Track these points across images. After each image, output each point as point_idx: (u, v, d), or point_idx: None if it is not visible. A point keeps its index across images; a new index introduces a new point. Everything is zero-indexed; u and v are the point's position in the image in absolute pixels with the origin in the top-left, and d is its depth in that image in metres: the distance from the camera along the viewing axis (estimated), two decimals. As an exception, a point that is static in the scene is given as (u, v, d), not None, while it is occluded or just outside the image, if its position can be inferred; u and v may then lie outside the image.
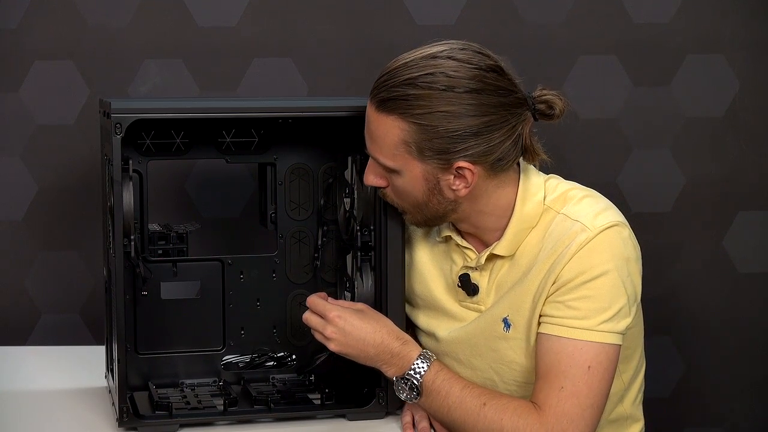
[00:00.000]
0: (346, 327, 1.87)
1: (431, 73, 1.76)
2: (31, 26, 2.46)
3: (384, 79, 1.80)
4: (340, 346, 1.87)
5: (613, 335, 1.79)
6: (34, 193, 2.49)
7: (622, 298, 1.80)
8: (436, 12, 2.53)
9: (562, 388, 1.77)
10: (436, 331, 1.96)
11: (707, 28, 2.58)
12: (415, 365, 1.84)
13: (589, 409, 1.77)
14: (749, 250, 2.63)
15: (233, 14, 2.49)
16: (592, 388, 1.77)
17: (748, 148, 2.61)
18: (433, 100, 1.76)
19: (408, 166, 1.81)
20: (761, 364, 2.66)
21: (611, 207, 1.88)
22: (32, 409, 1.99)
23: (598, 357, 1.78)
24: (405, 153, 1.79)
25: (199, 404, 1.94)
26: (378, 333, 1.86)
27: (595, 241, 1.80)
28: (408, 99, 1.76)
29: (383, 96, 1.79)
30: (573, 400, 1.76)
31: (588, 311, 1.78)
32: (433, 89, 1.76)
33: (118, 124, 1.83)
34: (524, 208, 1.86)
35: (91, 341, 2.49)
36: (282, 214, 2.11)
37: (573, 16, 2.55)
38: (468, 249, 1.92)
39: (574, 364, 1.77)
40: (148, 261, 2.05)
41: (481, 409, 1.80)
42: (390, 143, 1.80)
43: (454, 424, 1.83)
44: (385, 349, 1.86)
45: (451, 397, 1.82)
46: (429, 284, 1.97)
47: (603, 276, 1.79)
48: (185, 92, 2.49)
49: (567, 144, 2.55)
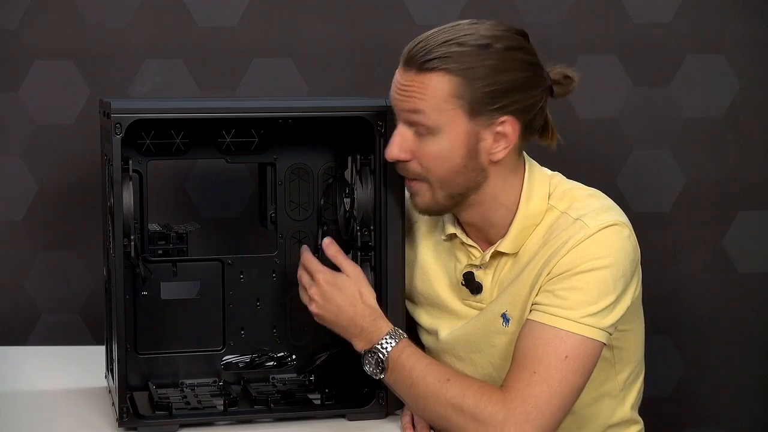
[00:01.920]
0: (327, 292, 1.89)
1: (468, 33, 1.81)
2: (31, 26, 2.46)
3: (420, 46, 1.81)
4: (319, 309, 1.91)
5: (596, 330, 1.78)
6: (34, 193, 2.49)
7: (610, 295, 1.79)
8: (436, 12, 2.52)
9: (534, 372, 1.75)
10: (439, 329, 1.97)
11: (707, 28, 2.58)
12: (383, 340, 1.86)
13: (557, 398, 1.75)
14: (749, 250, 2.63)
15: (233, 14, 2.49)
16: (565, 378, 1.76)
17: (748, 148, 2.61)
18: (475, 56, 1.80)
19: (453, 123, 1.81)
20: (761, 364, 2.66)
21: (614, 207, 1.88)
22: (32, 409, 1.99)
23: (577, 349, 1.77)
24: (454, 107, 1.80)
25: (199, 404, 1.94)
26: (353, 306, 1.88)
27: (594, 237, 1.81)
28: (453, 55, 1.79)
29: (425, 58, 1.80)
30: (542, 385, 1.75)
31: (574, 302, 1.78)
32: (474, 46, 1.80)
33: (118, 124, 1.83)
34: (529, 205, 1.88)
35: (91, 341, 2.49)
36: (282, 214, 2.11)
37: (573, 16, 2.55)
38: (473, 247, 1.92)
39: (551, 351, 1.76)
40: (148, 261, 2.05)
41: (443, 384, 1.79)
42: (439, 98, 1.80)
43: (417, 400, 1.82)
44: (356, 323, 1.88)
45: (414, 371, 1.82)
46: (432, 282, 1.98)
47: (595, 271, 1.79)
48: (185, 92, 2.49)
49: (567, 144, 2.54)
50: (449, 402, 1.78)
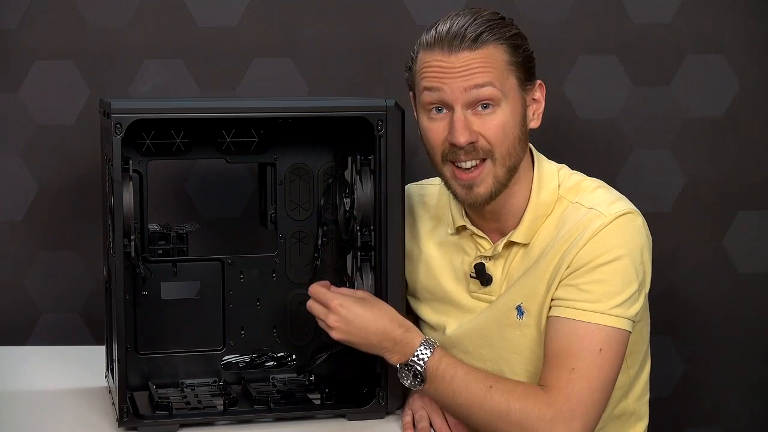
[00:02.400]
0: (348, 315, 1.86)
1: (485, 12, 1.88)
2: (31, 26, 2.46)
3: (459, 26, 1.84)
4: (343, 334, 1.87)
5: (623, 320, 1.80)
6: (34, 193, 2.49)
7: (633, 284, 1.82)
8: (436, 12, 2.50)
9: (573, 369, 1.77)
10: (446, 324, 1.97)
11: (707, 28, 2.58)
12: (418, 351, 1.84)
13: (598, 392, 1.77)
14: (749, 250, 2.63)
15: (233, 14, 2.49)
16: (602, 371, 1.77)
17: (748, 148, 2.61)
18: (507, 26, 1.88)
19: (512, 91, 1.86)
20: (761, 364, 2.66)
21: (624, 198, 1.91)
22: (32, 409, 1.99)
23: (609, 341, 1.78)
24: (512, 75, 1.86)
25: (199, 404, 1.94)
26: (380, 321, 1.86)
27: (610, 226, 1.82)
28: (496, 27, 1.85)
29: (473, 34, 1.84)
30: (583, 381, 1.76)
31: (600, 295, 1.79)
32: (500, 20, 1.88)
33: (118, 124, 1.83)
34: (540, 195, 1.90)
35: (91, 341, 2.49)
36: (282, 214, 2.11)
37: (573, 16, 2.55)
38: (482, 238, 1.93)
39: (585, 346, 1.78)
40: (148, 261, 2.05)
41: (487, 391, 1.80)
42: (502, 67, 1.85)
43: (460, 408, 1.83)
44: (388, 337, 1.86)
45: (455, 381, 1.82)
46: (438, 277, 1.98)
47: (616, 261, 1.81)
48: (185, 92, 2.49)
49: (567, 144, 2.55)
50: (494, 410, 1.78)
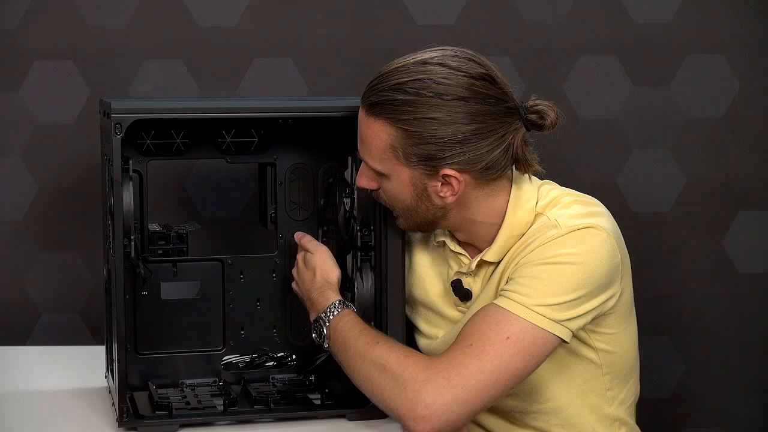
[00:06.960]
0: (299, 269, 2.00)
1: (420, 79, 1.76)
2: (31, 26, 2.46)
3: (375, 83, 1.80)
4: (294, 285, 2.02)
5: (548, 321, 1.74)
6: (34, 193, 2.49)
7: (573, 293, 1.76)
8: (436, 12, 2.52)
9: (471, 345, 1.73)
10: (437, 335, 1.97)
11: (707, 28, 2.58)
12: (327, 310, 1.90)
13: (486, 373, 1.71)
14: (749, 250, 2.63)
15: (233, 14, 2.49)
16: (501, 357, 1.72)
17: (748, 148, 2.61)
18: (420, 106, 1.75)
19: (396, 171, 1.81)
20: (761, 364, 2.66)
21: (600, 214, 1.85)
22: (32, 409, 1.99)
23: (522, 334, 1.73)
24: (392, 158, 1.80)
25: (199, 404, 1.94)
26: (312, 280, 1.96)
27: (563, 237, 1.79)
28: (395, 104, 1.76)
29: (373, 100, 1.79)
30: (473, 357, 1.72)
31: (531, 290, 1.75)
32: (421, 95, 1.75)
33: (118, 124, 1.83)
34: (515, 216, 1.85)
35: (91, 341, 2.49)
36: (282, 214, 2.11)
37: (573, 16, 2.55)
38: (462, 255, 1.92)
39: (494, 328, 1.74)
40: (148, 261, 2.05)
41: (372, 345, 1.81)
42: (378, 147, 1.80)
43: (349, 362, 1.84)
44: (311, 295, 1.95)
45: (349, 335, 1.85)
46: (427, 288, 1.98)
47: (561, 265, 1.77)
48: (185, 92, 2.49)
49: (567, 144, 2.55)
50: (374, 361, 1.78)
